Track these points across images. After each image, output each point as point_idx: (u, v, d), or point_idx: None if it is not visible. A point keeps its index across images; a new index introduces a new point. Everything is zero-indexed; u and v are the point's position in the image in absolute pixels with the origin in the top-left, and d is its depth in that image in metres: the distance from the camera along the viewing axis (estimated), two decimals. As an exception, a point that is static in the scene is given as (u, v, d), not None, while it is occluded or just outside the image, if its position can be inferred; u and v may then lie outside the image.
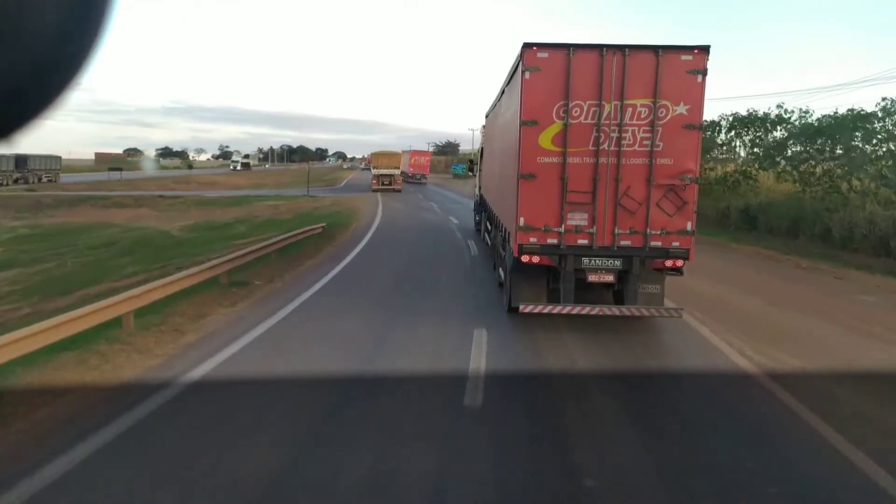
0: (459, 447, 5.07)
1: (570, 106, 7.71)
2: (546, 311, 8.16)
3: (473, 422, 5.54)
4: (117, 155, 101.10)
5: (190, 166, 79.50)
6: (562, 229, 7.94)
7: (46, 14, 0.62)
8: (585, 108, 7.73)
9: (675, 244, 7.94)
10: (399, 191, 44.49)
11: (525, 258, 8.04)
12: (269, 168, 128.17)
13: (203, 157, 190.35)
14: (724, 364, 7.29)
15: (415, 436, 5.20)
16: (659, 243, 7.94)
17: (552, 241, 7.98)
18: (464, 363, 6.87)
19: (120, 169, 60.87)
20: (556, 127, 7.77)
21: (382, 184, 44.96)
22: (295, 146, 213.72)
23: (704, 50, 7.66)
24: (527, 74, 7.70)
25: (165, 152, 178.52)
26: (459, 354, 7.22)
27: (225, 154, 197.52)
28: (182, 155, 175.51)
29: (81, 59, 0.68)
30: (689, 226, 7.93)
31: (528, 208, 7.95)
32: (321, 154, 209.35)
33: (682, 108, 7.70)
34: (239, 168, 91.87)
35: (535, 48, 7.68)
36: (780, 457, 4.99)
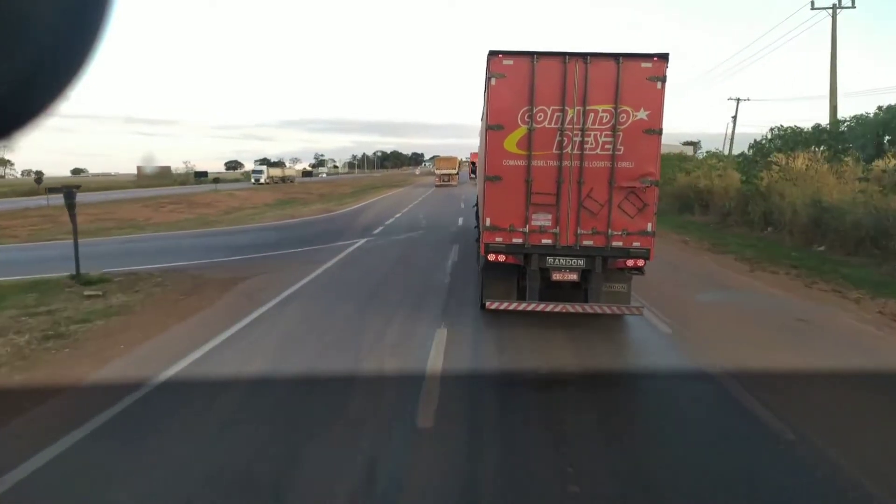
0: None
1: (535, 111, 8.10)
2: (511, 307, 8.56)
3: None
4: (162, 168, 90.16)
5: (216, 180, 63.45)
6: (527, 229, 8.32)
7: (45, 15, 0.62)
8: (549, 113, 8.11)
9: (636, 244, 8.19)
10: (455, 185, 56.95)
11: (491, 257, 8.47)
12: (330, 177, 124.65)
13: (299, 167, 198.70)
14: None
15: None
16: (620, 243, 8.21)
17: (517, 240, 8.38)
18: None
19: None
20: (521, 131, 8.18)
21: (443, 181, 58.46)
22: (389, 152, 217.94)
23: (663, 58, 7.91)
24: (493, 81, 8.15)
25: (263, 163, 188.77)
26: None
27: (320, 162, 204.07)
28: (279, 165, 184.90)
29: (80, 60, 0.68)
30: (649, 227, 8.15)
31: (494, 209, 8.39)
32: (416, 159, 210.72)
33: (642, 114, 7.97)
34: (263, 181, 72.39)
35: (500, 56, 8.12)
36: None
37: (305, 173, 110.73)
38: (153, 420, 5.72)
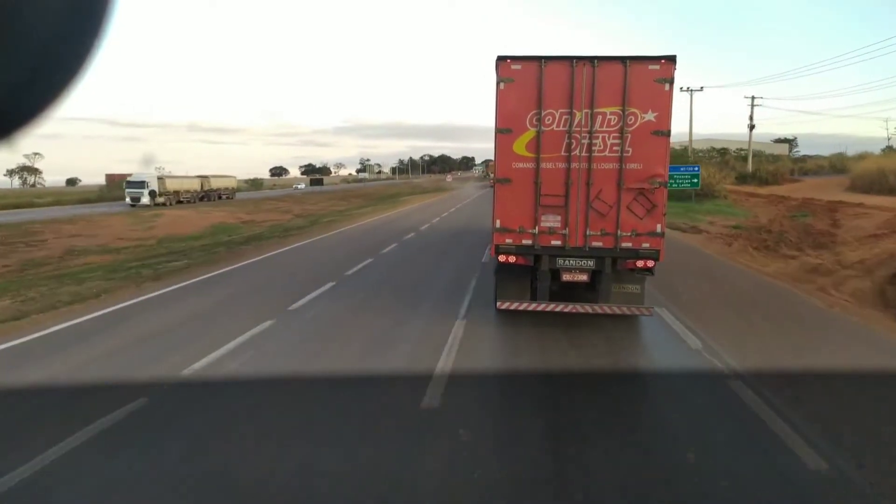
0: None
1: (543, 114, 8.22)
2: (522, 307, 8.69)
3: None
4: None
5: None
6: (536, 231, 8.44)
7: (46, 16, 0.62)
8: (557, 116, 8.23)
9: (646, 245, 8.22)
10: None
11: (502, 258, 8.62)
12: (356, 184, 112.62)
13: (344, 172, 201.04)
14: None
15: None
16: (629, 244, 8.25)
17: (527, 242, 8.50)
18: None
19: None
20: (529, 134, 8.31)
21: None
22: (437, 156, 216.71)
23: (671, 60, 7.94)
24: (501, 85, 8.30)
25: (308, 169, 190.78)
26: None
27: (365, 167, 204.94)
28: (324, 171, 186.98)
29: (81, 60, 0.68)
30: (658, 228, 8.18)
31: (503, 211, 8.54)
32: (467, 163, 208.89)
33: (650, 116, 8.01)
34: (149, 201, 44.55)
35: (508, 60, 8.27)
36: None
37: (314, 181, 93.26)
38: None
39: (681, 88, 42.12)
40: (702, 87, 44.94)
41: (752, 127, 47.48)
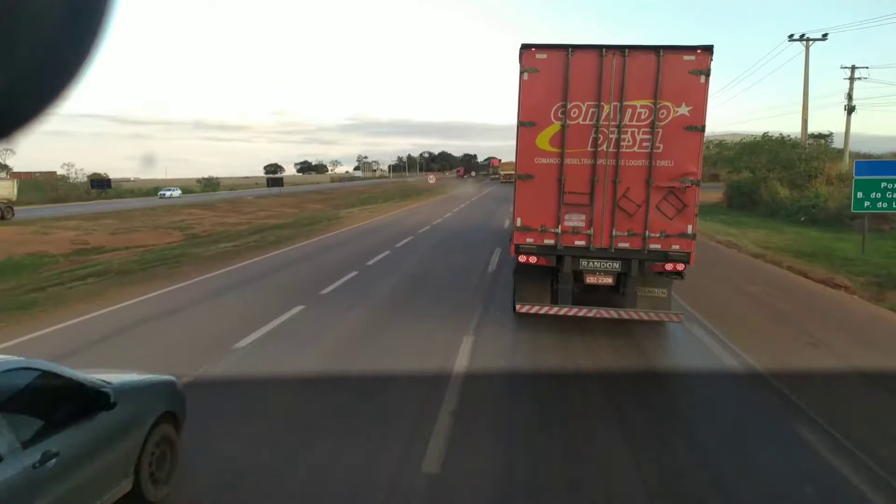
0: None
1: (569, 107, 7.76)
2: (542, 311, 8.24)
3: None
4: (44, 174, 62.92)
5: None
6: (559, 230, 7.99)
7: (46, 14, 0.62)
8: (584, 109, 7.77)
9: (675, 247, 7.78)
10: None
11: (522, 258, 8.17)
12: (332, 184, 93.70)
13: (341, 170, 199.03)
14: None
15: None
16: (658, 246, 7.81)
17: (549, 241, 8.05)
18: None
19: None
20: (554, 128, 7.85)
21: (506, 179, 64.43)
22: (437, 153, 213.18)
23: (707, 50, 7.48)
24: (525, 76, 7.83)
25: (304, 166, 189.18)
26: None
27: (365, 165, 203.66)
28: (319, 168, 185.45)
29: (82, 59, 0.67)
30: (689, 229, 7.73)
31: (525, 209, 8.08)
32: (468, 160, 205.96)
33: (683, 110, 7.56)
34: None
35: (533, 49, 7.80)
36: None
37: (273, 182, 72.50)
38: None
39: (790, 37, 30.84)
40: (825, 35, 31.47)
41: (851, 109, 32.99)
